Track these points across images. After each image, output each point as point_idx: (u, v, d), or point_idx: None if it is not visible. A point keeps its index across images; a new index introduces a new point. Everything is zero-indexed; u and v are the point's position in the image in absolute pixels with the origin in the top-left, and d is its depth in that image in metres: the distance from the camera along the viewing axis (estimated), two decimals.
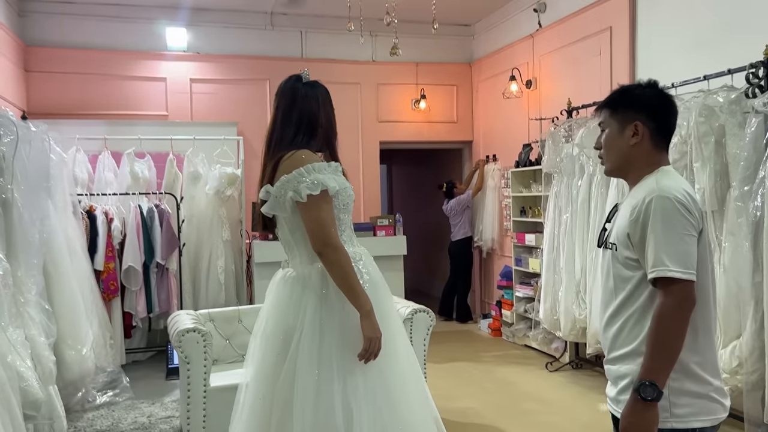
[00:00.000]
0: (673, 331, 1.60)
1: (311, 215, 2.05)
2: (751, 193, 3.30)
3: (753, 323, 3.33)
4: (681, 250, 1.60)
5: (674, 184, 1.69)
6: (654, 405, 1.60)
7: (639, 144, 1.76)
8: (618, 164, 1.82)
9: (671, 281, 1.60)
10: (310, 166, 2.06)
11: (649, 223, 1.63)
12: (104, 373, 4.59)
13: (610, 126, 1.83)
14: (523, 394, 4.61)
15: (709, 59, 4.01)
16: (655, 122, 1.77)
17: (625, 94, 1.84)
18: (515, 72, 6.33)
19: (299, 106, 2.20)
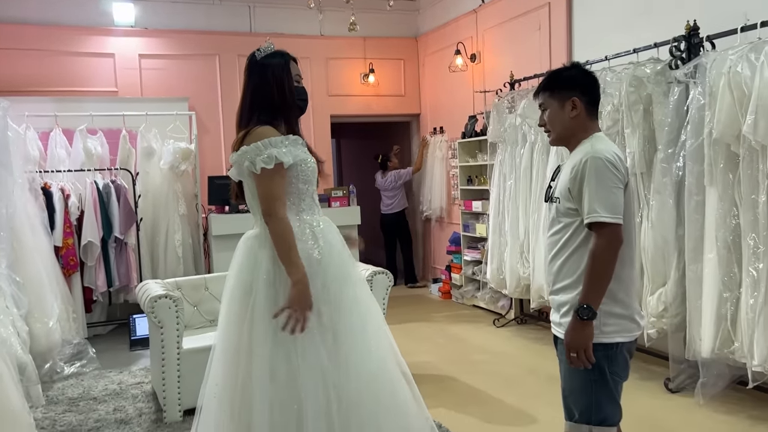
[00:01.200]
0: (604, 265, 1.95)
1: (262, 187, 2.20)
2: (674, 156, 3.68)
3: (676, 272, 3.74)
4: (610, 200, 1.95)
5: (605, 147, 2.04)
6: (590, 323, 1.96)
7: (577, 116, 2.10)
8: (562, 135, 2.15)
9: (602, 225, 1.95)
10: (267, 141, 2.20)
11: (585, 178, 1.98)
12: (70, 345, 4.68)
13: (551, 105, 2.15)
14: (473, 347, 4.97)
15: (639, 34, 4.35)
16: (587, 96, 2.12)
17: (559, 76, 2.17)
18: (460, 46, 6.59)
19: (252, 83, 2.32)
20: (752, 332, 3.18)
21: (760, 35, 3.28)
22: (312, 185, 2.33)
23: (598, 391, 2.02)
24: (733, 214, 3.32)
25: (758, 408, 3.45)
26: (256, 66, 2.33)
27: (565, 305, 2.07)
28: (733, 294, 3.33)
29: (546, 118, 2.17)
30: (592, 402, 2.02)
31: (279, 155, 2.17)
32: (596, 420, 2.02)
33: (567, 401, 2.11)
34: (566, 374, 2.10)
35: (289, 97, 2.33)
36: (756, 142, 3.12)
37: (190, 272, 5.90)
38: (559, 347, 2.13)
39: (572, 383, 2.07)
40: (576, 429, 2.06)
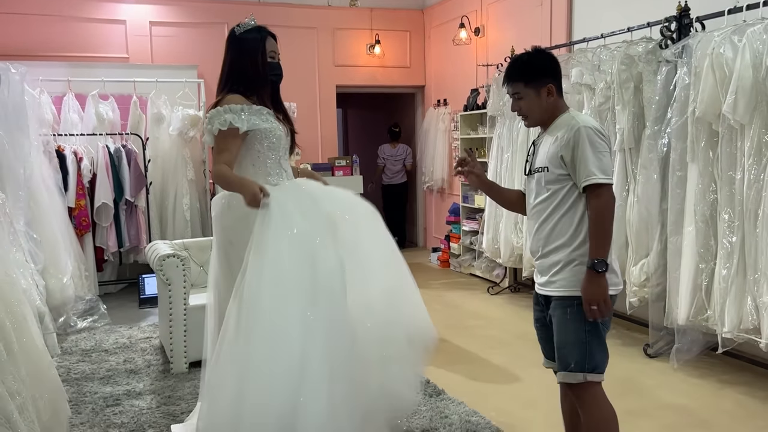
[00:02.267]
0: (606, 221, 2.15)
1: (216, 146, 2.43)
2: (660, 132, 3.84)
3: (659, 244, 3.92)
4: (603, 163, 2.14)
5: (588, 119, 2.24)
6: (604, 275, 2.12)
7: (553, 100, 2.25)
8: (541, 118, 2.29)
9: (600, 186, 2.12)
10: (228, 107, 2.41)
11: (579, 145, 2.13)
12: (83, 301, 4.94)
13: (527, 95, 2.25)
14: (467, 313, 5.19)
15: (635, 12, 4.46)
16: (556, 79, 2.27)
17: (532, 65, 2.27)
18: (464, 20, 6.69)
19: (230, 56, 2.54)
20: (724, 301, 3.37)
21: (745, 18, 3.40)
22: (278, 151, 2.52)
23: (591, 341, 2.18)
24: (711, 190, 3.48)
25: (727, 372, 3.67)
26: (234, 40, 2.54)
27: (557, 264, 2.20)
28: (709, 265, 3.52)
29: (522, 106, 2.28)
30: (585, 352, 2.17)
31: (233, 120, 2.38)
32: (589, 368, 2.17)
33: (561, 352, 2.22)
34: (560, 328, 2.22)
35: (261, 71, 2.51)
36: (735, 122, 3.26)
37: (198, 235, 6.12)
38: (553, 304, 2.24)
39: (567, 336, 2.20)
40: (571, 377, 2.19)
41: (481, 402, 3.32)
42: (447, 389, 3.48)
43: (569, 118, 2.22)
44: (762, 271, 3.19)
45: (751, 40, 3.20)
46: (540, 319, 2.39)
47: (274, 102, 2.61)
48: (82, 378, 3.76)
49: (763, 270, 3.19)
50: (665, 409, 3.24)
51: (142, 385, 3.65)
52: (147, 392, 3.54)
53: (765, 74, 3.15)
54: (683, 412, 3.20)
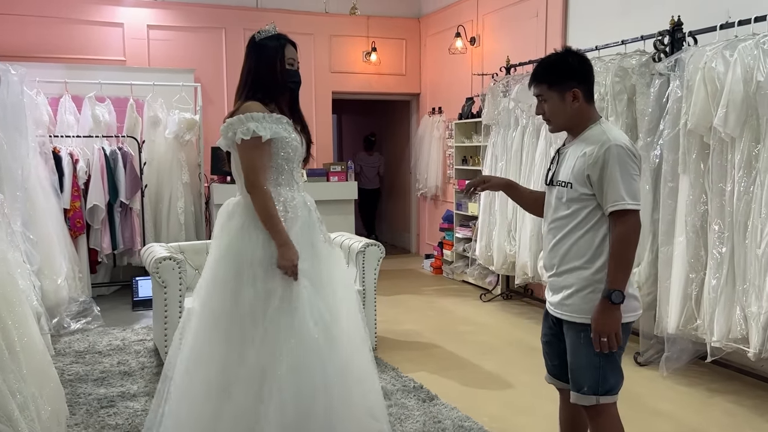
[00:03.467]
0: (630, 250, 2.04)
1: (243, 158, 2.42)
2: (652, 144, 3.90)
3: (650, 254, 3.98)
4: (633, 187, 2.02)
5: (621, 135, 2.09)
6: (619, 307, 2.01)
7: (579, 105, 2.13)
8: (565, 124, 2.18)
9: (627, 212, 2.01)
10: (249, 115, 2.40)
11: (608, 166, 2.01)
12: (76, 302, 4.94)
13: (551, 98, 2.13)
14: (459, 319, 5.23)
15: (629, 25, 4.53)
16: (585, 84, 2.15)
17: (557, 67, 2.16)
18: (460, 29, 6.76)
19: (249, 62, 2.53)
20: (713, 310, 3.43)
21: (737, 33, 3.47)
22: (292, 162, 2.52)
23: (605, 365, 2.09)
24: (702, 201, 3.55)
25: (716, 381, 3.72)
26: (254, 47, 2.55)
27: (571, 287, 2.11)
28: (699, 275, 3.58)
29: (546, 109, 2.16)
30: (599, 376, 2.10)
31: (257, 129, 2.38)
32: (602, 390, 2.10)
33: (575, 375, 2.15)
34: (573, 351, 2.14)
35: (280, 78, 2.51)
36: (726, 135, 3.33)
37: (192, 238, 6.14)
38: (566, 326, 2.17)
39: (580, 359, 2.12)
40: (584, 400, 2.13)
41: (473, 407, 3.35)
42: (440, 394, 3.51)
43: (600, 132, 2.08)
44: (750, 282, 3.25)
45: (742, 55, 3.27)
46: (548, 335, 2.31)
47: (293, 110, 2.60)
48: (76, 379, 3.77)
49: (751, 280, 3.25)
50: (655, 416, 3.29)
51: (137, 387, 3.66)
52: (141, 394, 3.55)
53: (755, 89, 3.22)
54: (672, 420, 3.25)
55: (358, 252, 4.21)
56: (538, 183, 4.86)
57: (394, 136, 8.97)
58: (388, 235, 9.07)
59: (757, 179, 3.24)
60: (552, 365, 2.35)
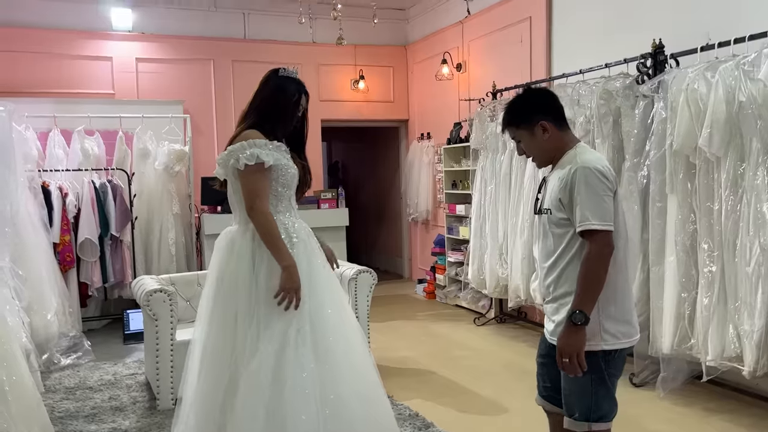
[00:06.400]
0: (597, 271, 2.02)
1: (245, 183, 2.45)
2: (639, 165, 3.94)
3: (641, 274, 3.99)
4: (600, 207, 2.02)
5: (592, 157, 2.12)
6: (583, 328, 2.02)
7: (551, 136, 2.18)
8: (545, 157, 2.23)
9: (594, 232, 2.01)
10: (252, 141, 2.45)
11: (575, 187, 2.04)
12: (66, 338, 4.88)
13: (523, 137, 2.21)
14: (454, 344, 5.21)
15: (611, 49, 4.59)
16: (551, 113, 2.19)
17: (520, 107, 2.24)
18: (446, 56, 6.84)
19: (266, 91, 2.59)
20: (706, 330, 3.44)
21: (717, 55, 3.54)
22: (290, 189, 2.58)
23: (598, 392, 2.10)
24: (691, 220, 3.57)
25: (712, 401, 3.71)
26: (275, 79, 2.60)
27: (562, 314, 2.12)
28: (691, 294, 3.59)
29: (523, 148, 2.25)
30: (591, 402, 2.10)
31: (260, 155, 2.42)
32: (595, 417, 2.10)
33: (568, 399, 2.16)
34: (566, 376, 2.13)
35: (290, 113, 2.59)
36: (711, 154, 3.37)
37: (183, 269, 6.10)
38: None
39: (572, 385, 2.12)
40: (576, 426, 2.12)
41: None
42: (436, 422, 3.48)
43: (572, 156, 2.12)
44: (742, 300, 3.27)
45: (723, 76, 3.33)
46: (544, 357, 2.31)
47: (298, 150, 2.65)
48: (66, 416, 3.70)
49: (743, 298, 3.26)
50: None
51: (129, 423, 3.60)
52: (133, 429, 3.49)
53: (738, 109, 3.27)
54: None
55: (350, 279, 4.20)
56: (527, 205, 4.89)
57: (384, 162, 9.01)
58: (380, 261, 9.05)
59: (743, 198, 3.27)
60: (544, 387, 2.35)
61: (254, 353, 2.35)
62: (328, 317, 2.49)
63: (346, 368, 2.48)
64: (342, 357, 2.47)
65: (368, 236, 9.64)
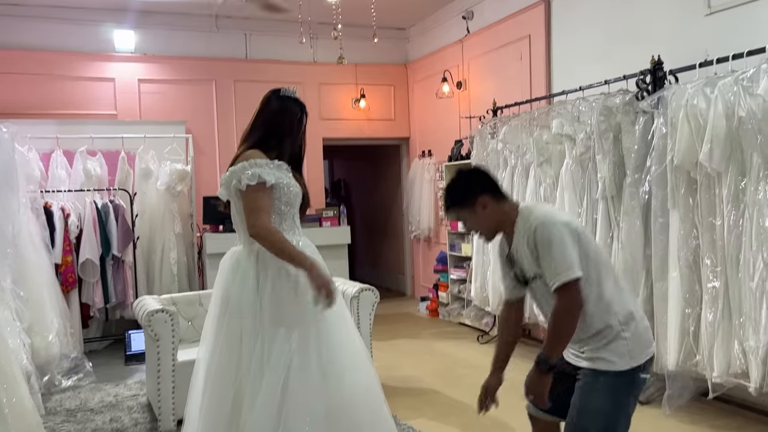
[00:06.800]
0: (564, 325, 2.12)
1: (247, 202, 2.45)
2: (641, 180, 3.94)
3: (644, 290, 3.97)
4: (564, 256, 2.09)
5: (542, 211, 2.22)
6: (548, 374, 2.15)
7: (492, 209, 2.27)
8: (491, 230, 2.32)
9: (563, 286, 2.09)
10: (253, 161, 2.46)
11: (538, 248, 2.14)
12: (68, 359, 4.86)
13: (466, 215, 2.33)
14: (458, 362, 5.17)
15: (610, 66, 4.63)
16: (487, 188, 2.29)
17: (456, 190, 2.33)
18: (447, 74, 6.88)
19: (268, 110, 2.61)
20: (711, 346, 3.41)
21: (716, 71, 3.55)
22: (293, 208, 2.58)
23: (617, 414, 2.16)
24: (693, 236, 3.56)
25: (719, 418, 3.67)
26: (277, 98, 2.62)
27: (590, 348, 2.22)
28: (695, 310, 3.57)
29: (469, 227, 2.36)
30: (608, 423, 2.15)
31: (262, 174, 2.43)
32: None
33: (581, 417, 2.18)
34: (586, 393, 2.19)
35: (292, 136, 2.61)
36: (712, 170, 3.37)
37: (185, 289, 6.08)
38: (585, 370, 2.23)
39: (591, 402, 2.16)
40: None
41: None
42: None
43: (524, 221, 2.22)
44: (747, 315, 3.24)
45: (722, 92, 3.34)
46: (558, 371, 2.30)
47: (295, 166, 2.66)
48: None
49: (747, 314, 3.24)
50: None
51: None
52: None
53: (738, 124, 3.27)
54: None
55: (352, 297, 4.18)
56: None
57: (385, 180, 9.02)
58: (383, 278, 9.02)
59: (745, 213, 3.26)
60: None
61: (260, 372, 2.34)
62: (333, 336, 2.49)
63: (352, 386, 2.47)
64: (347, 375, 2.47)
65: (370, 254, 9.63)
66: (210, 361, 2.48)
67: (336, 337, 2.49)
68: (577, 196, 4.43)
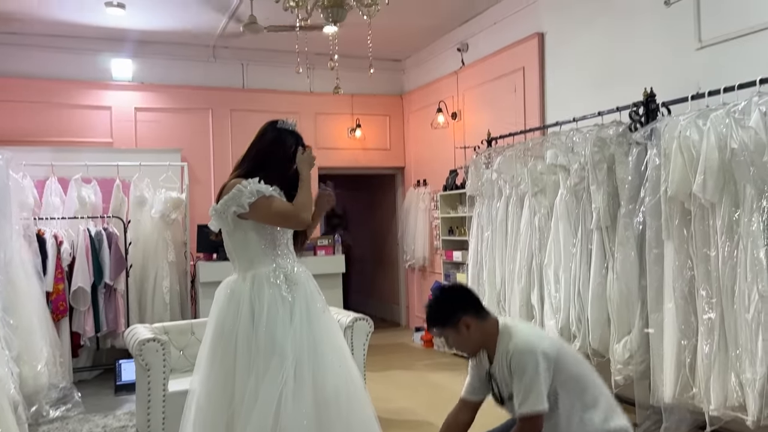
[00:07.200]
0: None
1: (265, 215, 2.46)
2: (635, 211, 3.95)
3: (640, 321, 3.95)
4: (532, 390, 2.20)
5: (517, 337, 2.32)
6: None
7: (475, 329, 2.35)
8: (474, 348, 2.42)
9: (527, 416, 2.21)
10: (246, 182, 2.48)
11: (512, 373, 2.25)
12: (56, 389, 4.77)
13: (449, 334, 2.40)
14: (453, 394, 5.05)
15: (604, 97, 4.67)
16: (470, 309, 2.36)
17: (439, 310, 2.41)
18: (442, 105, 6.94)
19: (263, 141, 2.63)
20: (708, 378, 3.38)
21: (707, 103, 3.59)
22: (287, 233, 2.59)
23: None
24: (688, 266, 3.56)
25: None
26: (273, 130, 2.64)
27: None
28: (691, 342, 3.54)
29: (451, 344, 2.44)
30: None
31: (259, 188, 2.45)
32: None
33: None
34: None
35: (284, 169, 2.61)
36: (705, 201, 3.38)
37: (177, 318, 6.02)
38: None
39: None
40: None
41: None
42: None
43: (502, 344, 2.32)
44: (743, 347, 3.22)
45: (714, 124, 3.37)
46: None
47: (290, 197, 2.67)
48: None
49: (743, 346, 3.22)
50: None
51: None
52: None
53: (730, 155, 3.29)
54: None
55: (346, 327, 4.14)
56: (524, 251, 4.87)
57: (380, 209, 9.04)
58: (377, 308, 8.96)
59: (739, 244, 3.26)
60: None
61: (252, 403, 2.31)
62: (328, 364, 2.47)
63: (347, 416, 2.44)
64: (342, 404, 2.43)
65: (364, 283, 9.58)
66: (203, 390, 2.46)
67: (331, 366, 2.46)
68: (571, 227, 4.43)
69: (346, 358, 2.60)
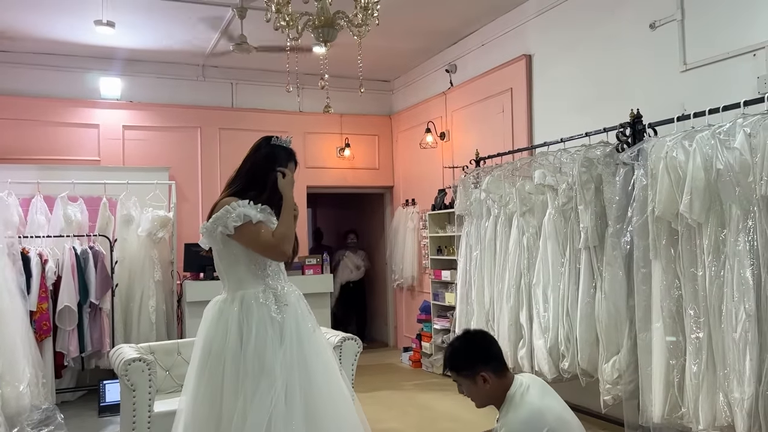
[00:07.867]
0: None
1: (247, 241, 2.45)
2: (622, 231, 3.97)
3: (628, 340, 3.95)
4: None
5: (515, 416, 2.29)
6: None
7: (491, 384, 2.34)
8: (485, 402, 2.40)
9: None
10: (235, 203, 2.47)
11: None
12: (38, 410, 4.68)
13: (464, 383, 2.39)
14: (441, 415, 5.07)
15: (591, 119, 4.74)
16: (490, 363, 2.35)
17: (458, 357, 2.40)
18: (430, 125, 6.99)
19: (256, 157, 2.63)
20: (696, 397, 3.38)
21: (693, 125, 3.64)
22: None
23: None
24: (675, 286, 3.57)
25: None
26: (267, 146, 2.63)
27: None
28: (679, 361, 3.55)
29: (466, 392, 2.42)
30: None
31: (247, 213, 2.43)
32: None
33: None
34: None
35: (275, 185, 2.59)
36: (692, 220, 3.41)
37: (163, 338, 5.95)
38: None
39: None
40: None
41: None
42: None
43: (503, 412, 2.31)
44: (731, 367, 3.23)
45: (700, 145, 3.41)
46: None
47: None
48: None
49: (731, 365, 3.23)
50: None
51: None
52: None
53: (716, 176, 3.33)
54: None
55: (334, 347, 4.11)
56: (513, 270, 4.87)
57: (369, 228, 9.03)
58: (366, 329, 8.92)
59: (726, 263, 3.29)
60: None
61: (242, 424, 2.28)
62: (318, 384, 2.45)
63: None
64: (333, 425, 2.40)
65: None
66: (190, 411, 2.42)
67: (321, 386, 2.43)
68: (560, 246, 4.45)
69: (338, 379, 2.57)
